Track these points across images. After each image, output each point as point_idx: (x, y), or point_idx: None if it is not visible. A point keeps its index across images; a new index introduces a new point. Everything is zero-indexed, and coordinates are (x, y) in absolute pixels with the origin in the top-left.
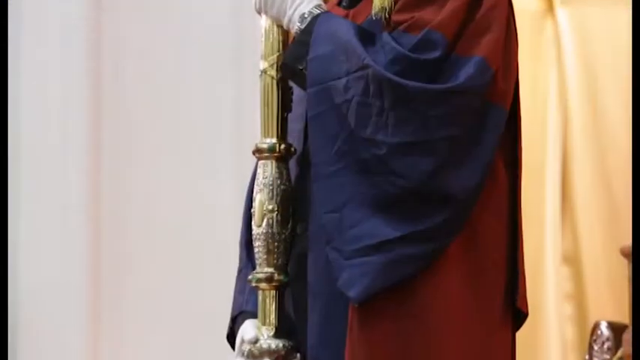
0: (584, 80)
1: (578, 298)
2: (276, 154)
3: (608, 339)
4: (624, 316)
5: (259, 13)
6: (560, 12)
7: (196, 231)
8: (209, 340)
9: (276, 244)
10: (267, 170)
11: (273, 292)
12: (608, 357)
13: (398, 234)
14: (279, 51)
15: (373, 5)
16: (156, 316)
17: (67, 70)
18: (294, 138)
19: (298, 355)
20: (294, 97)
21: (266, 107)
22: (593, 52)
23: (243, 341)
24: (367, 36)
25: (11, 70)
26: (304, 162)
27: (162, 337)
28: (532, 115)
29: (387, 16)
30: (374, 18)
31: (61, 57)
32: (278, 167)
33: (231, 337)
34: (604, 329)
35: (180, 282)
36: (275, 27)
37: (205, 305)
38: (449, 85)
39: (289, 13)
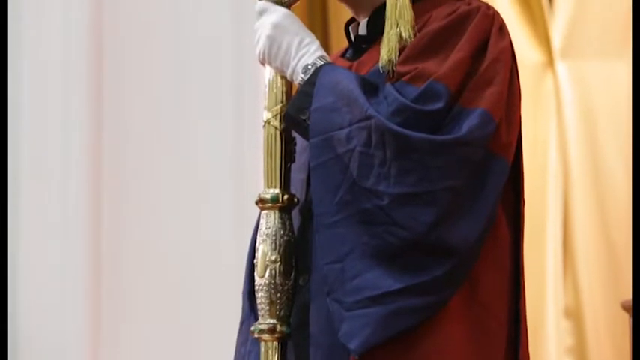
0: (583, 132)
1: (580, 352)
2: (279, 205)
3: None
4: None
5: (262, 64)
6: (560, 65)
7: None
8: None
9: (278, 295)
10: (270, 221)
11: (275, 344)
12: None
13: (399, 286)
14: (282, 102)
15: (380, 58)
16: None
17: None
18: (297, 188)
19: None
20: (297, 148)
21: (269, 158)
22: (593, 105)
23: None
24: (370, 87)
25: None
26: (307, 212)
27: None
28: (532, 166)
29: (394, 68)
30: (381, 71)
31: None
32: (281, 218)
33: None
34: None
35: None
36: (278, 78)
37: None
38: (452, 136)
39: (293, 64)
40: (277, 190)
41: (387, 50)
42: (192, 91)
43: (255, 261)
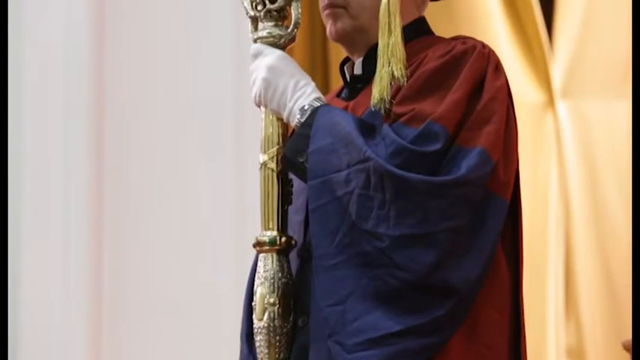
0: (584, 172)
1: None
2: (277, 247)
3: None
4: None
5: (259, 106)
6: (561, 104)
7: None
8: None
9: (277, 337)
10: (268, 263)
11: None
12: None
13: (400, 327)
14: (279, 144)
15: (372, 96)
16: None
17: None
18: (295, 230)
19: None
20: (294, 189)
21: (266, 200)
22: (594, 144)
23: None
24: (367, 128)
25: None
26: (305, 254)
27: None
28: (533, 207)
29: (386, 106)
30: (373, 109)
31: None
32: (279, 260)
33: None
34: None
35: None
36: (275, 120)
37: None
38: (451, 176)
39: (289, 105)
40: (275, 233)
41: (378, 89)
42: (193, 134)
43: (253, 304)
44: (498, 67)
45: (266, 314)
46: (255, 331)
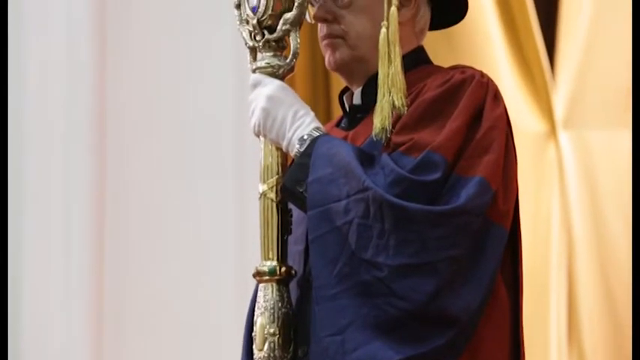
0: (587, 202)
1: None
2: (276, 277)
3: None
4: None
5: (258, 136)
6: (563, 135)
7: (195, 353)
8: None
9: None
10: (268, 293)
11: None
12: None
13: (400, 357)
14: (278, 174)
15: (374, 126)
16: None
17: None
18: (295, 260)
19: None
20: (294, 219)
21: (266, 230)
22: (596, 174)
23: None
24: (367, 158)
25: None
26: (305, 284)
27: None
28: (535, 236)
29: (387, 136)
30: (374, 139)
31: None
32: (279, 290)
33: None
34: None
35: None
36: (274, 149)
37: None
38: (450, 206)
39: (288, 135)
40: (275, 263)
41: (380, 119)
42: (193, 164)
43: (253, 334)
44: (497, 96)
45: (266, 344)
46: None
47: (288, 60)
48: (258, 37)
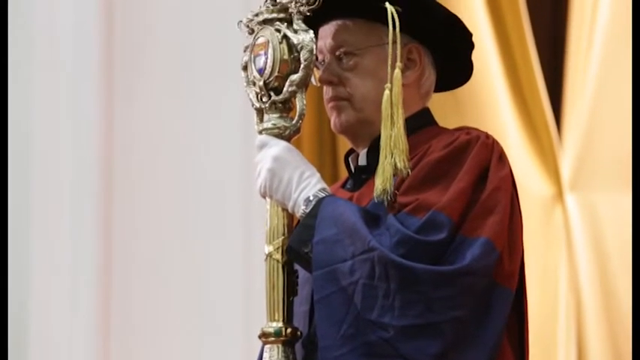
0: (594, 264)
1: None
2: (282, 338)
3: None
4: None
5: (264, 197)
6: (569, 197)
7: None
8: None
9: None
10: (274, 355)
11: None
12: None
13: None
14: (284, 234)
15: (375, 188)
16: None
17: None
18: (300, 320)
19: None
20: (299, 280)
21: (272, 291)
22: (603, 237)
23: None
24: (372, 218)
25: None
26: (310, 345)
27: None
28: (543, 299)
29: (389, 198)
30: (376, 200)
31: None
32: (285, 351)
33: None
34: None
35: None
36: (280, 210)
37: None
38: (455, 266)
39: (294, 196)
40: (280, 324)
41: (381, 180)
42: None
43: None
44: (502, 158)
45: None
46: None
47: (294, 121)
48: (264, 99)
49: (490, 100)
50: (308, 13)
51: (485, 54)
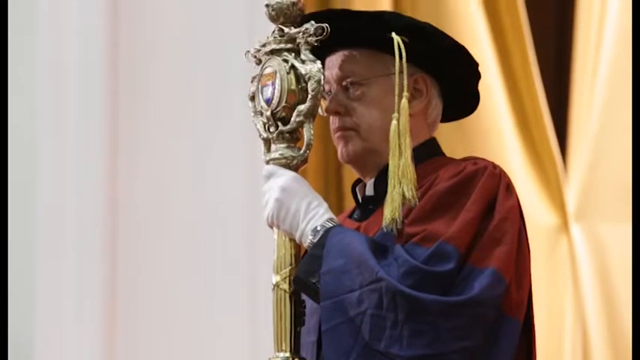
0: (600, 294)
1: None
2: None
3: None
4: None
5: (271, 227)
6: (575, 227)
7: None
8: None
9: None
10: None
11: None
12: None
13: None
14: (291, 265)
15: (384, 217)
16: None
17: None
18: (307, 351)
19: None
20: (307, 310)
21: (279, 321)
22: (609, 267)
23: None
24: (380, 248)
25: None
26: None
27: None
28: (549, 329)
29: (398, 227)
30: (385, 230)
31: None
32: None
33: None
34: None
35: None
36: (287, 241)
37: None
38: (463, 297)
39: (302, 226)
40: (288, 354)
41: (390, 210)
42: (206, 258)
43: None
44: (509, 188)
45: None
46: None
47: (301, 151)
48: (272, 129)
49: (495, 131)
50: (315, 44)
51: (491, 84)
